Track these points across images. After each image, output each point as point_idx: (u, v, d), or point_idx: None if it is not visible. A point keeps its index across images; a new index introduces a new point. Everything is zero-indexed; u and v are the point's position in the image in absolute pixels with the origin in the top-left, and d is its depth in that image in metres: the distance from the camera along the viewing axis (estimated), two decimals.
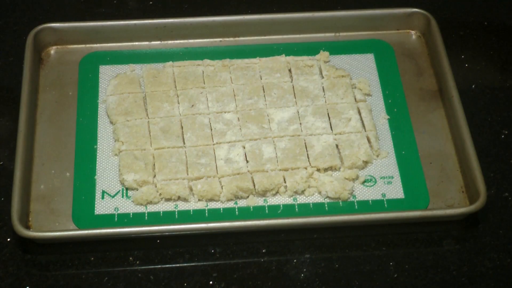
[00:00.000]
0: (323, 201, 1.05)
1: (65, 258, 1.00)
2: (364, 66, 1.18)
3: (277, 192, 1.05)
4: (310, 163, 1.06)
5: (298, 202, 1.05)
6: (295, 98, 1.13)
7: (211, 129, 1.09)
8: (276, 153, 1.07)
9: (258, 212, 1.04)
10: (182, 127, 1.10)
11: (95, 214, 1.03)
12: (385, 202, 1.05)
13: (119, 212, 1.03)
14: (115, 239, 1.01)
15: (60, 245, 1.01)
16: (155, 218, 1.03)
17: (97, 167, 1.07)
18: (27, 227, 1.01)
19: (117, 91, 1.13)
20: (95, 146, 1.09)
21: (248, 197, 1.05)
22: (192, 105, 1.12)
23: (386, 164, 1.08)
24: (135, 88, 1.13)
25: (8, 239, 1.02)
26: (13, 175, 1.02)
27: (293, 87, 1.14)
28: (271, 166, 1.06)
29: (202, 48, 1.20)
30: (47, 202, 1.04)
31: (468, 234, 1.04)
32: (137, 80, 1.14)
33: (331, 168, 1.07)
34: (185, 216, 1.03)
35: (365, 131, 1.10)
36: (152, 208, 1.04)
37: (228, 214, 1.03)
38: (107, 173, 1.07)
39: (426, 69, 1.18)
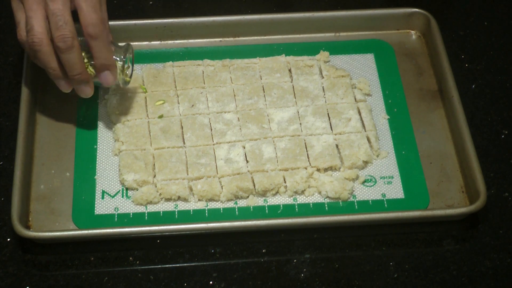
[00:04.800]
0: (323, 201, 1.05)
1: (65, 258, 1.00)
2: (364, 66, 1.18)
3: (277, 192, 1.05)
4: (310, 163, 1.06)
5: (298, 202, 1.05)
6: (295, 98, 1.13)
7: (211, 129, 1.09)
8: (276, 153, 1.07)
9: (258, 212, 1.04)
10: (182, 127, 1.10)
11: (95, 214, 1.03)
12: (385, 202, 1.05)
13: (119, 212, 1.03)
14: (115, 239, 1.01)
15: (60, 245, 1.01)
16: (155, 218, 1.03)
17: (97, 167, 1.07)
18: (27, 227, 1.01)
19: (117, 91, 1.13)
20: (95, 146, 1.09)
21: (248, 197, 1.04)
22: (192, 105, 1.12)
23: (386, 164, 1.08)
24: (135, 88, 1.13)
25: (8, 239, 1.02)
26: (13, 175, 1.02)
27: (293, 87, 1.14)
28: (271, 166, 1.06)
29: (202, 48, 1.20)
30: (47, 202, 1.04)
31: (468, 234, 1.04)
32: (137, 80, 1.14)
33: (331, 168, 1.07)
34: (185, 216, 1.03)
35: (365, 131, 1.10)
36: (152, 208, 1.04)
37: (228, 214, 1.03)
38: (107, 173, 1.07)
39: (426, 69, 1.18)
